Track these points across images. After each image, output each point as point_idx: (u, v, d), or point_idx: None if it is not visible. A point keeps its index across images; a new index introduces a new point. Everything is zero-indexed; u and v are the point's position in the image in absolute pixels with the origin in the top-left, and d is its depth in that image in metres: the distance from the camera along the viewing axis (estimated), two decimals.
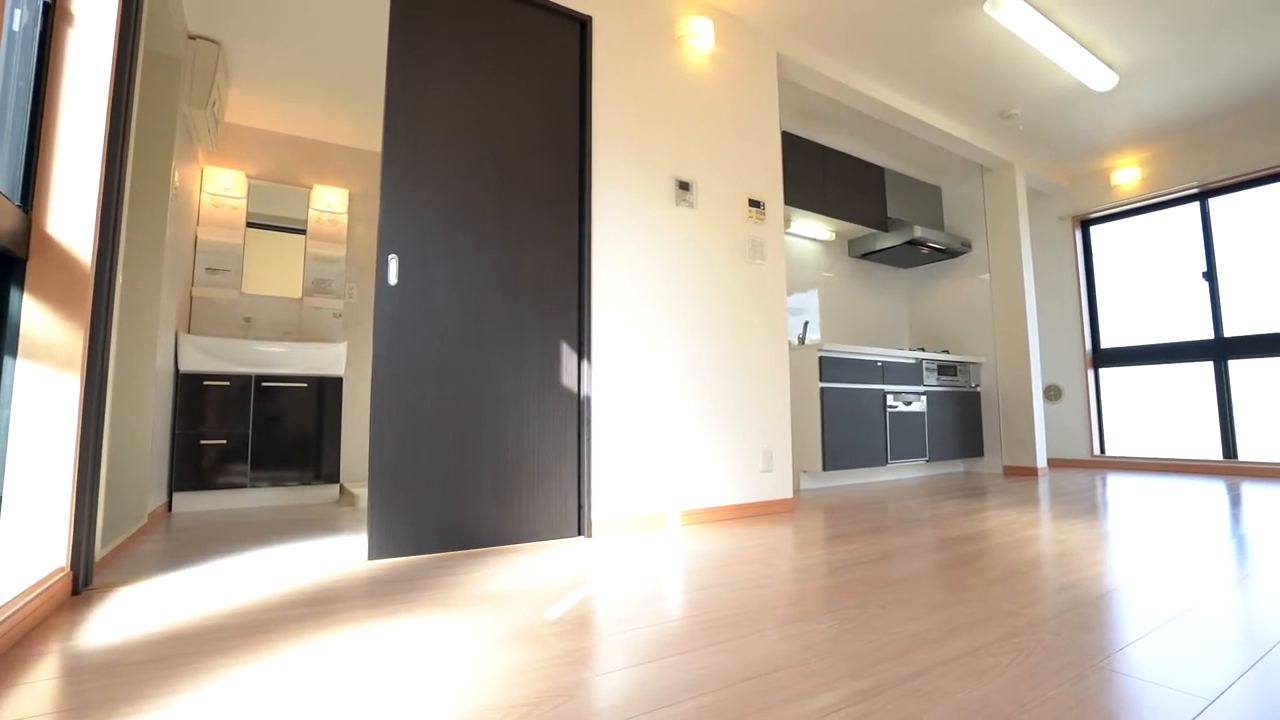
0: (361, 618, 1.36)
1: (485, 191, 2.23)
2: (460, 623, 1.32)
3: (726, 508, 2.62)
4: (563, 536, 2.26)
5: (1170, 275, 4.61)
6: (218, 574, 1.75)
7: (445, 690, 0.99)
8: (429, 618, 1.35)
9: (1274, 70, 3.54)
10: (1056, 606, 1.39)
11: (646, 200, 2.54)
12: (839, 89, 3.43)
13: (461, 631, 1.26)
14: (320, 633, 1.26)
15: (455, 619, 1.34)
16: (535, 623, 1.32)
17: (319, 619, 1.35)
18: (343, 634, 1.25)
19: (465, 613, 1.39)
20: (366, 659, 1.12)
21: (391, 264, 2.03)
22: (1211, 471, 4.27)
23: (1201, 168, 4.40)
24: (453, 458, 2.08)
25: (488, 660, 1.11)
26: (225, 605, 1.46)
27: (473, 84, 2.24)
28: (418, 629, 1.28)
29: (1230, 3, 2.96)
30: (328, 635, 1.24)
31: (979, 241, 4.73)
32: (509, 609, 1.42)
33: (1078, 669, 1.05)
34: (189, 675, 1.05)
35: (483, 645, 1.19)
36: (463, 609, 1.42)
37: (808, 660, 1.10)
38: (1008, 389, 4.49)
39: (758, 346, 2.81)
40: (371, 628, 1.29)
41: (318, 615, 1.38)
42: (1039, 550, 1.97)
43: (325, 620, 1.34)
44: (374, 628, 1.29)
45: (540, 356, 2.27)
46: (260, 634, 1.25)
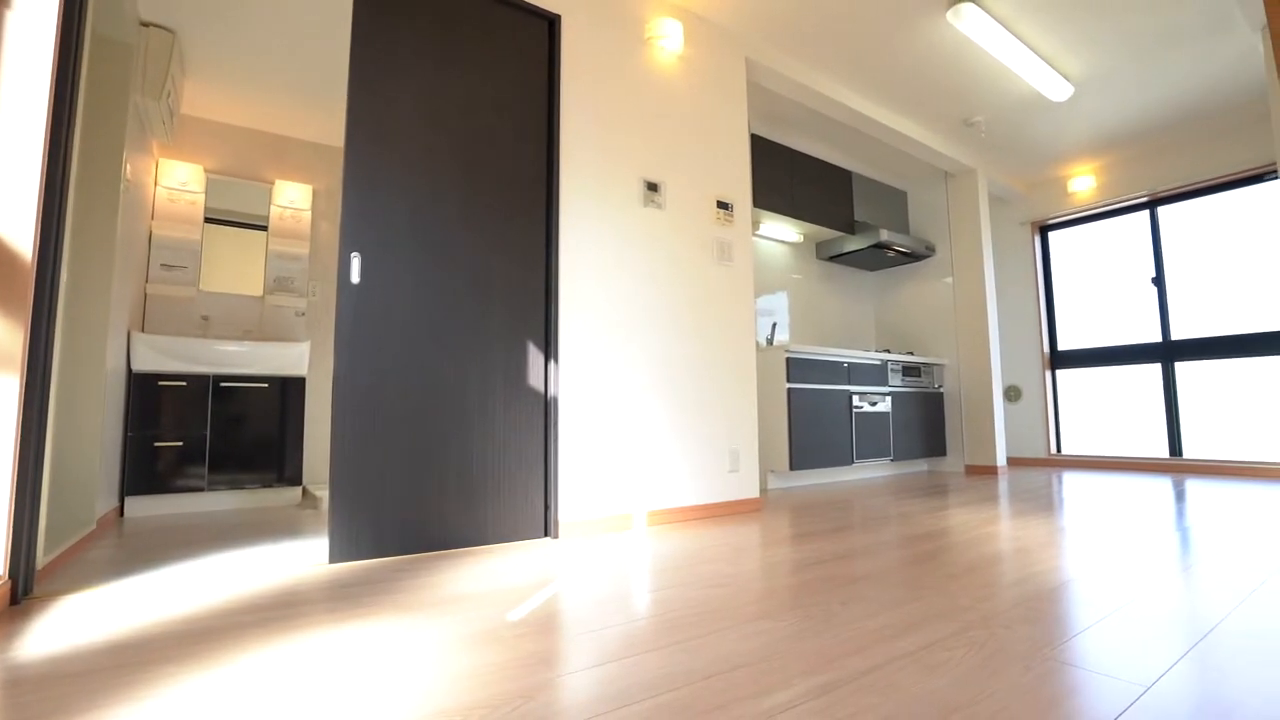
0: (320, 622, 1.33)
1: (451, 190, 2.20)
2: (421, 625, 1.30)
3: (694, 508, 2.63)
4: (529, 538, 2.25)
5: (1122, 280, 4.79)
6: (170, 580, 1.70)
7: (403, 694, 0.97)
8: (389, 621, 1.33)
9: (1216, 86, 3.70)
10: (1009, 601, 1.43)
11: (615, 201, 2.54)
12: (807, 93, 3.47)
13: (422, 634, 1.25)
14: (276, 638, 1.23)
15: (416, 622, 1.33)
16: (498, 624, 1.31)
17: (275, 624, 1.32)
18: (299, 639, 1.22)
19: (427, 615, 1.37)
20: (323, 664, 1.10)
21: (354, 262, 2.00)
22: (1159, 469, 4.44)
23: (1151, 177, 4.58)
24: (417, 459, 2.05)
25: (448, 663, 1.10)
26: (177, 612, 1.41)
27: (439, 80, 2.21)
28: (377, 633, 1.26)
29: (1176, 23, 3.09)
30: (284, 640, 1.21)
31: (943, 245, 4.84)
32: (471, 611, 1.41)
33: (1026, 660, 1.08)
34: (134, 685, 1.02)
35: (443, 648, 1.17)
36: (424, 611, 1.40)
37: (768, 657, 1.11)
38: (969, 390, 4.61)
39: (725, 347, 2.83)
40: (330, 632, 1.26)
41: (274, 620, 1.34)
42: (996, 547, 2.02)
43: (282, 625, 1.31)
44: (332, 632, 1.26)
45: (506, 357, 2.25)
46: (213, 641, 1.22)
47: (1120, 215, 4.83)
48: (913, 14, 3.01)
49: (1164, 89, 3.75)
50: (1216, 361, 4.31)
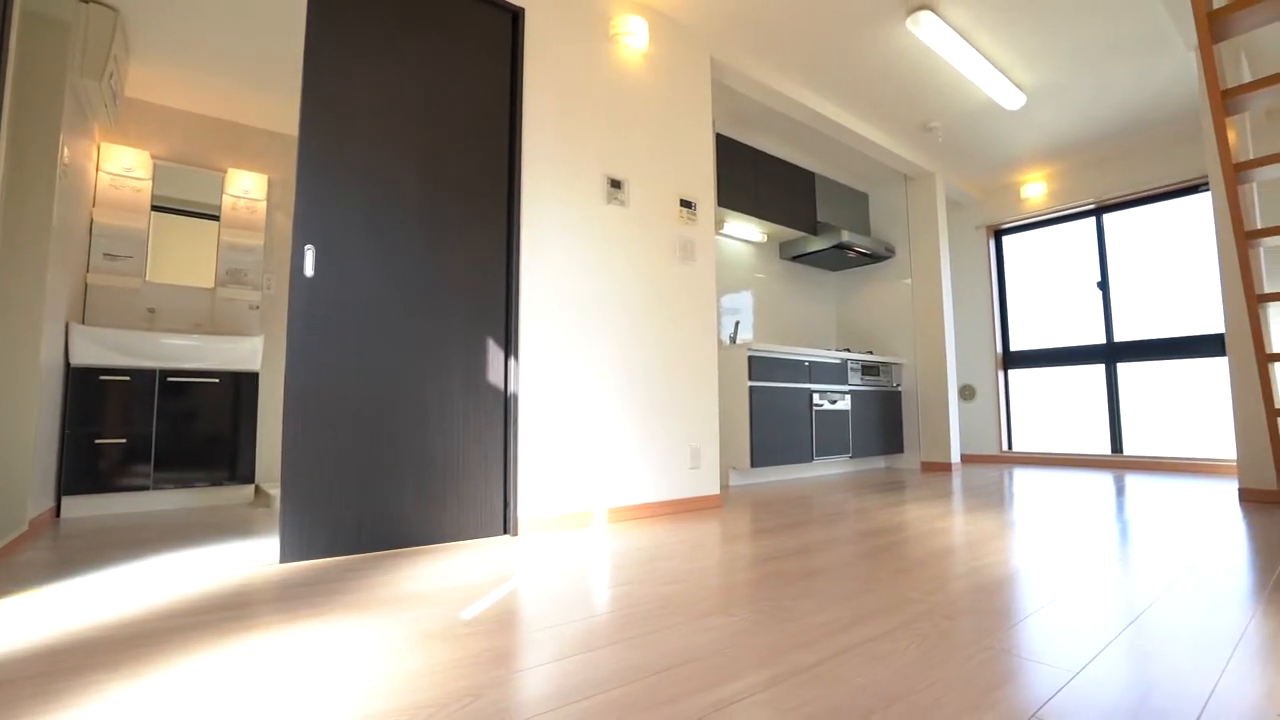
0: (266, 623, 1.29)
1: (410, 182, 2.16)
2: (372, 625, 1.28)
3: (654, 504, 2.64)
4: (488, 535, 2.23)
5: (1071, 284, 4.97)
6: (108, 583, 1.63)
7: (347, 695, 0.96)
8: (338, 621, 1.31)
9: (1156, 101, 3.87)
10: (955, 593, 1.48)
11: (578, 197, 2.53)
12: (770, 94, 3.51)
13: (373, 634, 1.23)
14: (219, 641, 1.19)
15: (367, 621, 1.30)
16: (451, 623, 1.30)
17: (219, 626, 1.28)
18: (243, 641, 1.19)
19: (378, 615, 1.35)
20: (267, 667, 1.07)
21: (308, 255, 1.95)
22: (1102, 465, 4.63)
23: (1097, 185, 4.76)
24: (373, 456, 2.01)
25: (398, 662, 1.08)
26: (114, 616, 1.36)
27: (398, 70, 2.17)
28: (325, 633, 1.23)
29: (1119, 40, 3.22)
30: (227, 643, 1.18)
31: (902, 247, 4.96)
32: (425, 609, 1.39)
33: (967, 650, 1.11)
34: (65, 694, 0.98)
35: (394, 647, 1.15)
36: (376, 611, 1.38)
37: (719, 651, 1.12)
38: (926, 388, 4.73)
39: (687, 346, 2.85)
40: (276, 634, 1.23)
41: (218, 623, 1.30)
42: (946, 541, 2.09)
43: (225, 628, 1.27)
44: (278, 634, 1.23)
45: (466, 353, 2.22)
46: (152, 645, 1.18)
47: (1069, 221, 5.01)
48: (873, 20, 3.07)
49: (1108, 102, 3.90)
50: (1154, 363, 4.52)
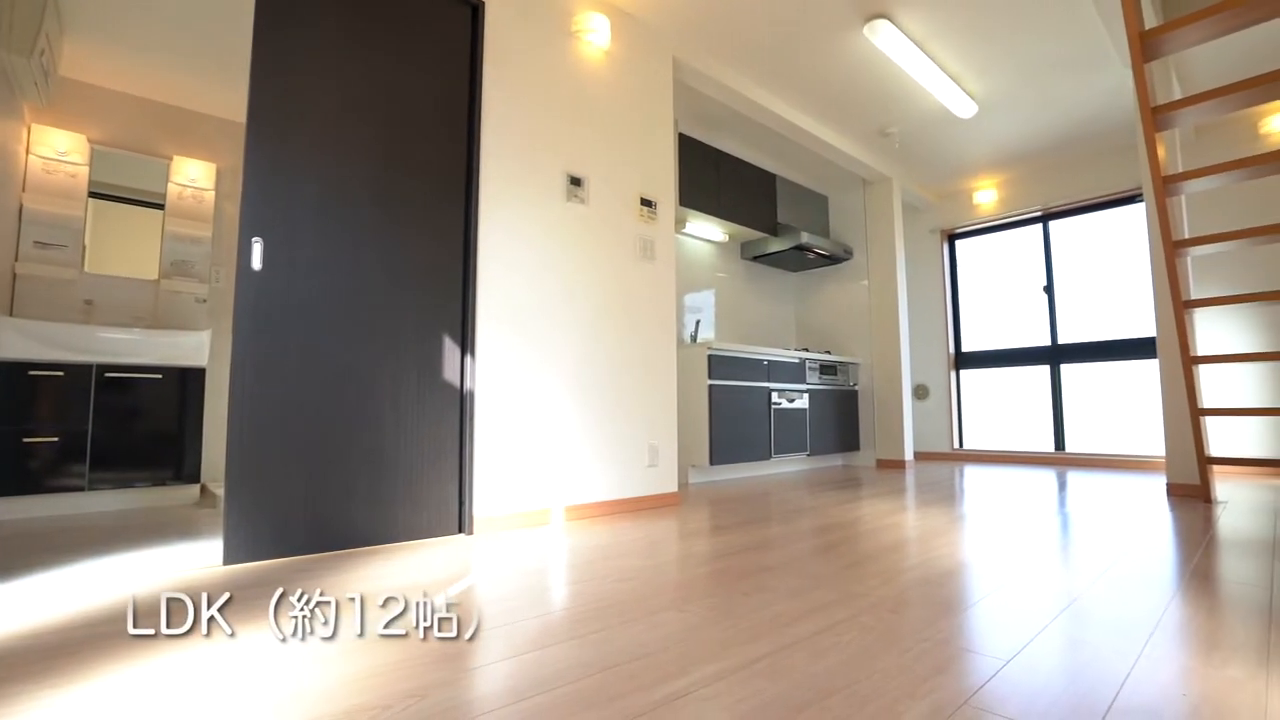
0: (205, 628, 1.25)
1: (365, 175, 2.12)
2: (322, 627, 1.25)
3: (612, 502, 2.65)
4: (442, 534, 2.20)
5: (1019, 287, 5.16)
6: (30, 590, 1.56)
7: (291, 698, 0.94)
8: (284, 623, 1.27)
9: (1097, 114, 4.04)
10: (900, 586, 1.53)
11: (537, 194, 2.51)
12: (732, 95, 3.55)
13: (319, 636, 1.20)
14: (153, 647, 1.15)
15: (317, 624, 1.27)
16: (400, 624, 1.28)
17: (156, 632, 1.23)
18: (178, 647, 1.15)
19: (326, 618, 1.32)
20: (205, 672, 1.04)
21: (255, 248, 1.89)
22: (1046, 462, 4.83)
23: (1044, 193, 4.95)
24: (323, 454, 1.96)
25: (341, 664, 1.06)
26: (42, 623, 1.30)
27: (353, 61, 2.12)
28: (269, 636, 1.20)
29: (1064, 55, 3.36)
30: (160, 650, 1.14)
31: (860, 249, 5.07)
32: (373, 613, 1.36)
33: (907, 642, 1.15)
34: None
35: (339, 649, 1.13)
36: (324, 613, 1.35)
37: (668, 647, 1.14)
38: (881, 388, 4.85)
39: (646, 344, 2.86)
40: (216, 638, 1.19)
41: (155, 628, 1.26)
42: (895, 536, 2.15)
43: (162, 633, 1.22)
44: (219, 637, 1.19)
45: (421, 350, 2.19)
46: (78, 654, 1.13)
47: (1018, 227, 5.20)
48: (832, 27, 3.13)
49: (1053, 114, 4.06)
50: (1094, 364, 4.73)
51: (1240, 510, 2.58)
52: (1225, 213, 4.00)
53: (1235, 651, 1.09)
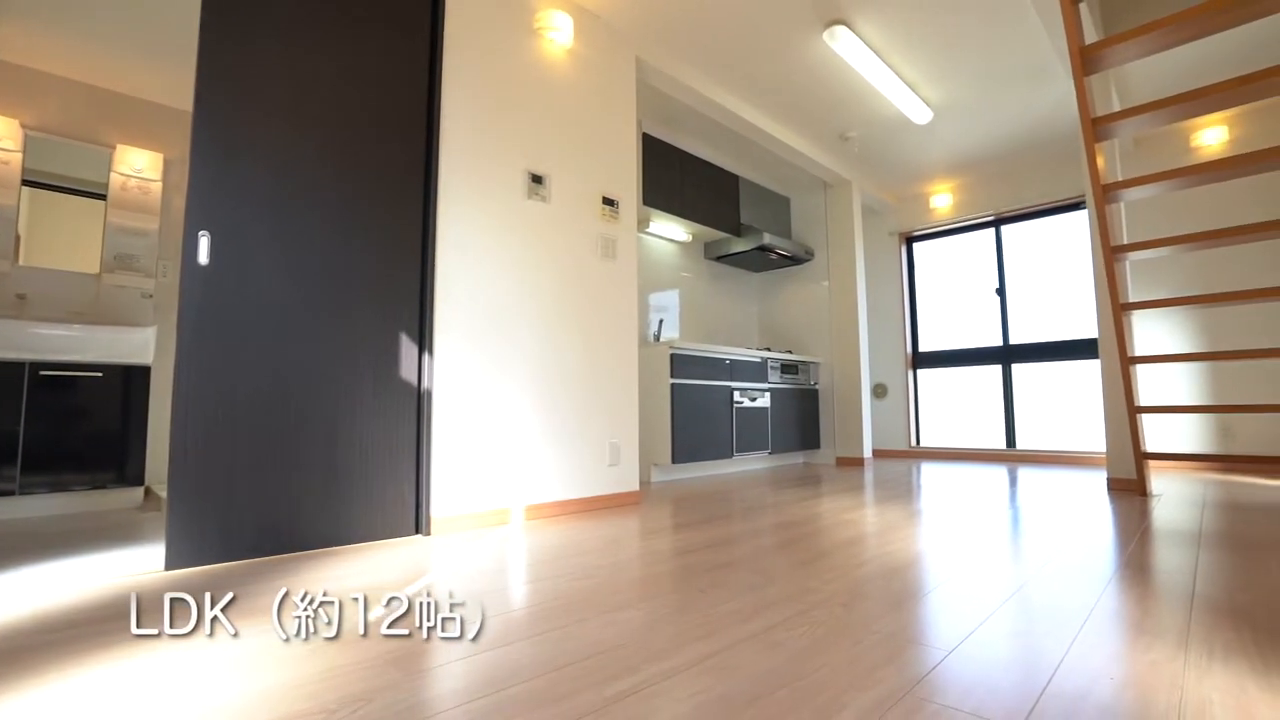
0: (140, 636, 1.21)
1: (320, 168, 2.07)
2: (263, 632, 1.22)
3: (573, 501, 2.64)
4: (399, 535, 2.16)
5: (973, 289, 5.33)
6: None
7: (232, 706, 0.91)
8: (227, 630, 1.24)
9: (1044, 123, 4.20)
10: (852, 582, 1.56)
11: (498, 191, 2.49)
12: (696, 97, 3.57)
13: (263, 641, 1.17)
14: (82, 659, 1.11)
15: (259, 628, 1.24)
16: (350, 627, 1.25)
17: (84, 642, 1.18)
18: (111, 657, 1.11)
19: (272, 621, 1.29)
20: (137, 683, 1.00)
21: (202, 241, 1.82)
22: (998, 458, 4.99)
23: (996, 198, 5.12)
24: (274, 454, 1.91)
25: (287, 670, 1.04)
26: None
27: (308, 50, 2.06)
28: (210, 643, 1.16)
29: (1014, 66, 3.48)
30: (91, 660, 1.10)
31: (821, 251, 5.16)
32: (324, 615, 1.33)
33: (856, 635, 1.18)
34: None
35: (286, 654, 1.11)
36: (270, 616, 1.31)
37: (623, 645, 1.14)
38: (841, 387, 4.95)
39: (607, 343, 2.86)
40: (152, 646, 1.15)
41: (84, 638, 1.21)
42: (851, 532, 2.20)
43: (91, 644, 1.18)
44: (155, 646, 1.15)
45: (377, 348, 2.15)
46: (7, 665, 1.08)
47: (972, 231, 5.37)
48: (793, 32, 3.18)
49: (1004, 122, 4.20)
50: (1043, 364, 4.91)
51: (1173, 503, 2.72)
52: (1167, 220, 4.19)
53: (1159, 636, 1.15)
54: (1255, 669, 1.01)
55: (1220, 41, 3.29)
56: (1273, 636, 1.15)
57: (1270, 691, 0.93)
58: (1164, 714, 0.86)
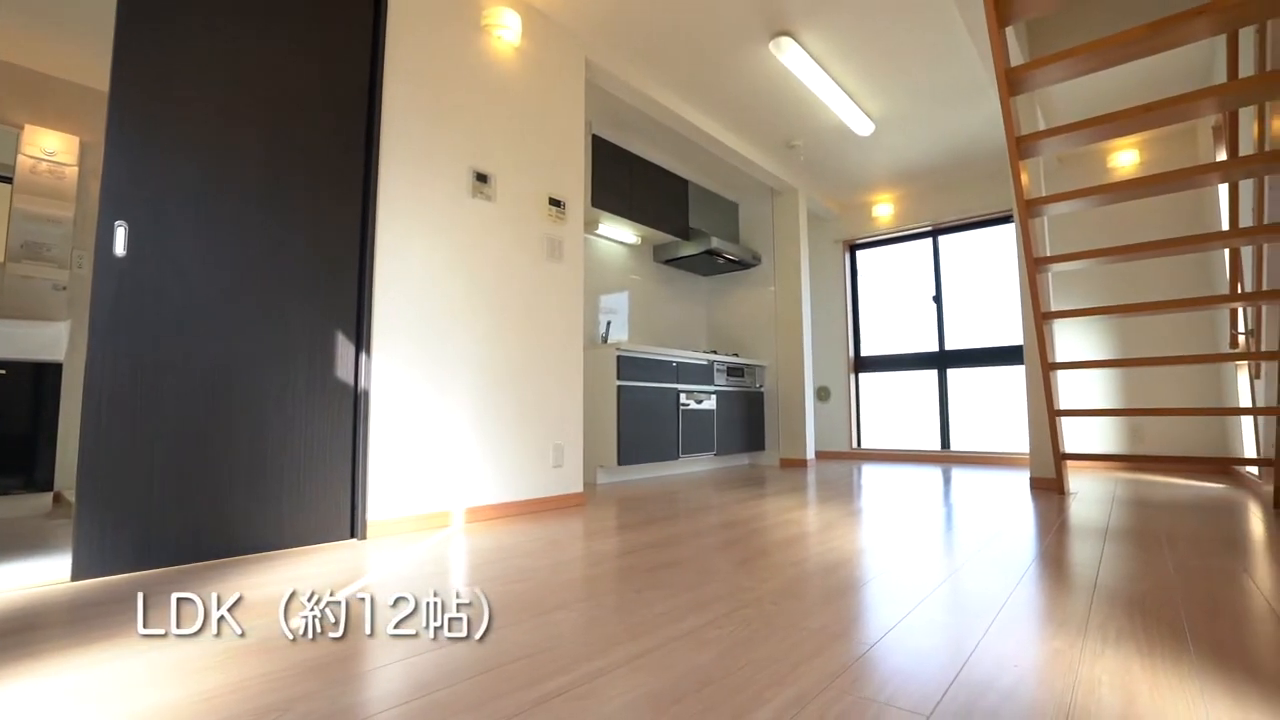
0: (35, 653, 1.13)
1: (251, 157, 1.98)
2: (175, 644, 1.16)
3: (516, 503, 2.62)
4: (333, 539, 2.10)
5: (912, 296, 5.54)
6: None
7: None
8: (134, 643, 1.17)
9: (978, 138, 4.41)
10: (786, 580, 1.60)
11: (441, 188, 2.44)
12: (646, 101, 3.59)
13: (173, 654, 1.11)
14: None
15: (169, 641, 1.18)
16: (272, 634, 1.21)
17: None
18: (10, 675, 1.04)
19: (184, 631, 1.23)
20: (27, 705, 0.94)
21: (118, 232, 1.73)
22: (934, 460, 5.20)
23: (934, 209, 5.34)
24: (196, 456, 1.82)
25: (198, 683, 0.99)
26: None
27: (240, 31, 1.98)
28: (111, 658, 1.10)
29: (949, 83, 3.64)
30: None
31: (767, 256, 5.27)
32: (246, 623, 1.28)
33: (784, 632, 1.21)
34: None
35: (198, 666, 1.06)
36: (182, 627, 1.25)
37: (554, 646, 1.14)
38: (785, 389, 5.06)
39: (552, 344, 2.85)
40: (46, 665, 1.08)
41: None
42: (789, 532, 2.25)
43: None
44: (50, 664, 1.08)
45: (311, 346, 2.08)
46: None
47: (912, 240, 5.58)
48: (740, 40, 3.24)
49: (942, 136, 4.39)
50: (976, 369, 5.15)
51: (1087, 500, 2.89)
52: (1096, 235, 4.46)
53: (1062, 625, 1.23)
54: (1141, 651, 1.08)
55: (1141, 71, 3.53)
56: (1159, 621, 1.24)
57: (1150, 671, 1.00)
58: (1059, 696, 0.92)
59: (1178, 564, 1.71)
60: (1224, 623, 1.24)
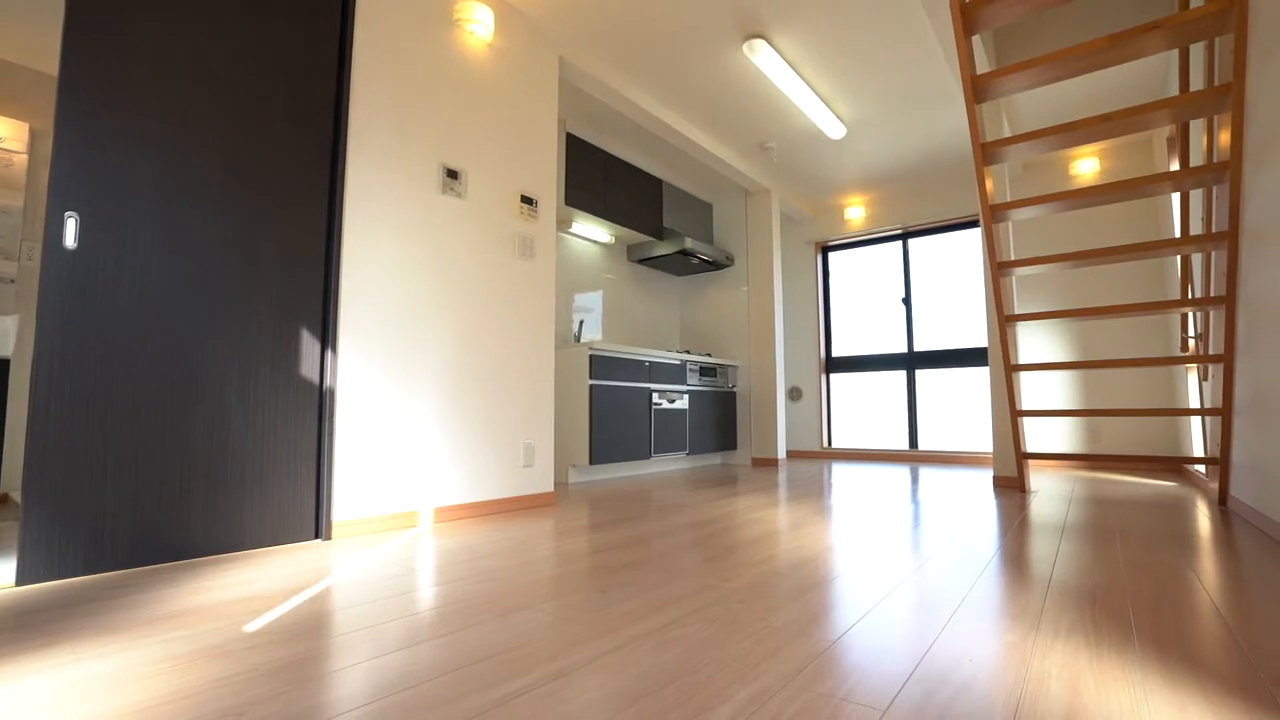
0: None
1: (213, 148, 1.93)
2: (126, 649, 1.13)
3: (486, 503, 2.60)
4: (297, 540, 2.06)
5: (883, 298, 5.63)
6: None
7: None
8: (83, 648, 1.14)
9: (947, 144, 4.50)
10: (752, 578, 1.62)
11: (410, 184, 2.41)
12: (620, 100, 3.59)
13: (123, 660, 1.08)
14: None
15: (120, 645, 1.15)
16: (229, 638, 1.18)
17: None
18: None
19: (138, 636, 1.19)
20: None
21: (69, 224, 1.67)
22: (902, 459, 5.30)
23: (904, 213, 5.44)
24: (154, 456, 1.77)
25: (150, 688, 0.97)
26: None
27: (203, 16, 1.93)
28: (58, 665, 1.07)
29: (919, 89, 3.71)
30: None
31: (740, 257, 5.31)
32: (200, 625, 1.25)
33: (747, 629, 1.22)
34: None
35: (148, 672, 1.03)
36: (136, 632, 1.22)
37: (518, 647, 1.13)
38: (757, 389, 5.11)
39: (523, 343, 2.83)
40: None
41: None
42: (758, 530, 2.27)
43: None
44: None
45: (275, 344, 2.03)
46: None
47: (882, 243, 5.68)
48: (714, 42, 3.26)
49: (912, 140, 4.47)
50: (944, 370, 5.26)
51: (1047, 498, 2.97)
52: (1061, 240, 4.58)
53: (1016, 619, 1.26)
54: (1089, 644, 1.12)
55: (1108, 81, 3.64)
56: (1108, 614, 1.28)
57: (1097, 662, 1.04)
58: (1011, 688, 0.95)
59: (1128, 559, 1.77)
60: (1167, 615, 1.29)
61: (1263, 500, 2.12)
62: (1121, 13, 3.30)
